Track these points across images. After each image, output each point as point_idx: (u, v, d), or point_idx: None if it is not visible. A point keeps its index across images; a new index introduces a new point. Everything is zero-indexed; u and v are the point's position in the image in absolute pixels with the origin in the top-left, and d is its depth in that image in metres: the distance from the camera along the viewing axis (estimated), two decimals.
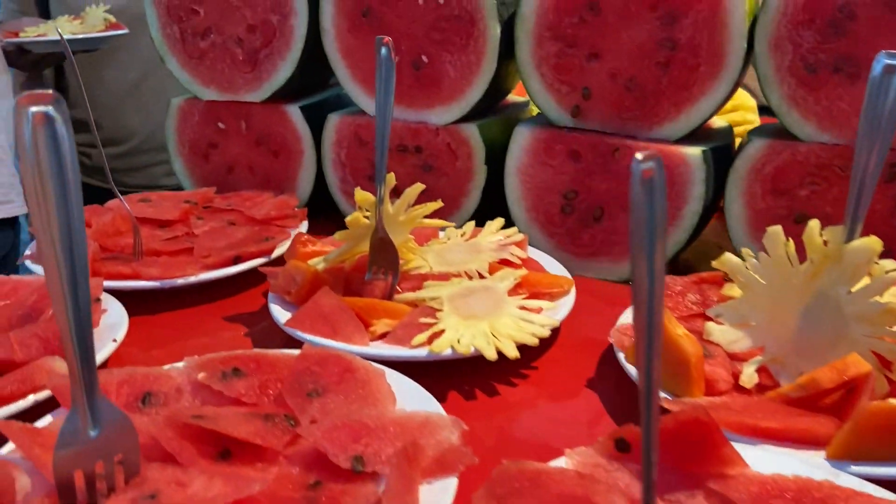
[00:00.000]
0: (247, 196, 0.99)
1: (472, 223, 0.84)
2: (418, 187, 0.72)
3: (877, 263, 0.57)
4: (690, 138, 0.79)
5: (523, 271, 0.71)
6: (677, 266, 0.83)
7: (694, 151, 0.76)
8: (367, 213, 0.72)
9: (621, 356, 0.59)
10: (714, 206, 0.81)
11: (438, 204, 0.74)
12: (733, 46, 0.73)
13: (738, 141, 1.02)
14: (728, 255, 0.61)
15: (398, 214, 0.72)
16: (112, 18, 1.36)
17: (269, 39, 0.94)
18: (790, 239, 0.57)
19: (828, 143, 0.72)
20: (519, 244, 0.80)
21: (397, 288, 0.72)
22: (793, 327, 0.57)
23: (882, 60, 0.51)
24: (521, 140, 0.85)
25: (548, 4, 0.79)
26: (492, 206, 0.93)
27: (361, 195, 0.71)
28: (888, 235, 0.71)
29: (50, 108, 0.35)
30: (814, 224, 0.55)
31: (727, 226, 0.78)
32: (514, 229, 0.82)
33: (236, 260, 0.81)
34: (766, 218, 0.76)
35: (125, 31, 1.35)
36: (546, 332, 0.64)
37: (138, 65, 1.51)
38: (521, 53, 0.83)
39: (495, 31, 0.82)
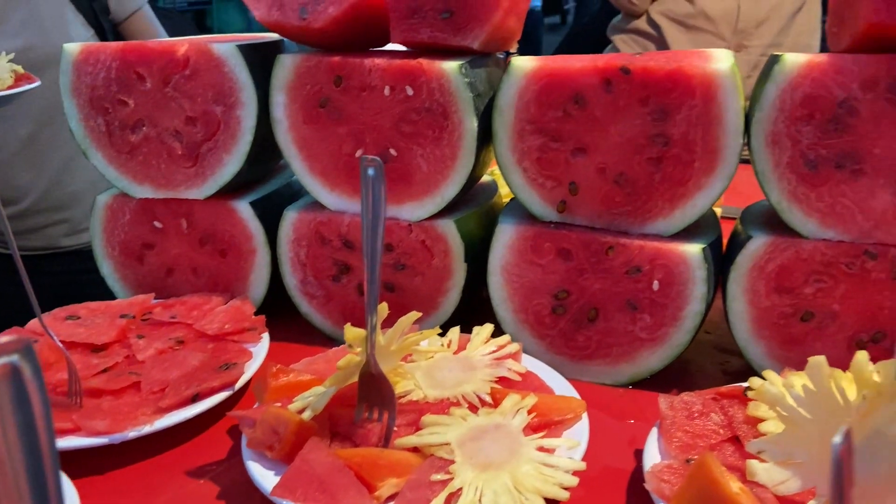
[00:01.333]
0: (193, 304, 0.88)
1: (457, 329, 0.77)
2: (413, 316, 0.64)
3: None
4: (683, 232, 0.75)
5: (532, 399, 0.64)
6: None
7: (694, 249, 0.72)
8: (359, 350, 0.63)
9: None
10: (712, 302, 0.78)
11: (436, 331, 0.67)
12: (729, 142, 0.69)
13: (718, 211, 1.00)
14: (766, 386, 0.56)
15: (390, 345, 0.64)
16: (20, 69, 1.20)
17: (213, 132, 0.84)
18: (834, 370, 0.53)
19: (832, 240, 0.69)
20: (514, 356, 0.73)
21: (394, 429, 0.63)
22: None
23: None
24: (505, 238, 0.79)
25: (529, 97, 0.74)
26: (472, 305, 0.86)
27: (352, 333, 0.62)
28: (891, 325, 0.69)
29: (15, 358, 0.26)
30: (861, 356, 0.51)
31: (729, 323, 0.75)
32: (506, 338, 0.75)
33: (195, 398, 0.70)
34: (770, 316, 0.72)
35: (37, 83, 1.19)
36: (575, 481, 0.57)
37: (32, 117, 1.36)
38: (501, 147, 0.77)
39: (472, 124, 0.76)
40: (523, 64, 0.74)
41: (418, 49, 0.81)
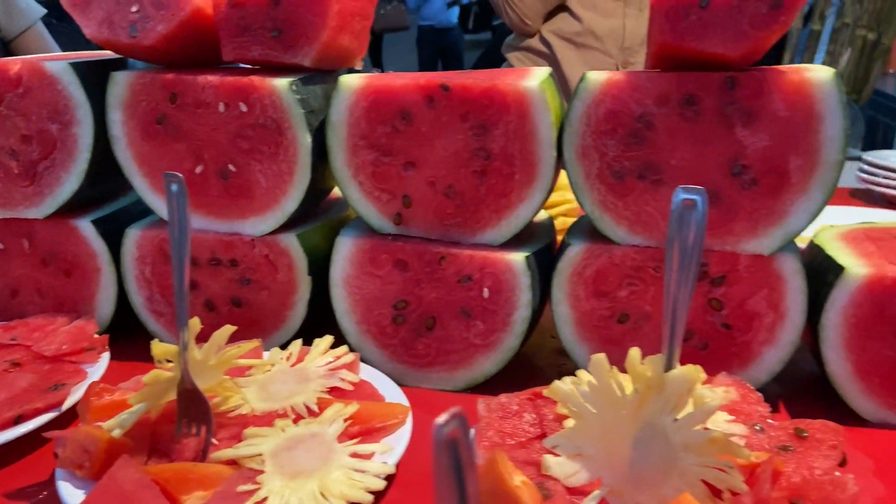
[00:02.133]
0: (35, 325, 0.86)
1: (299, 342, 0.78)
2: (228, 329, 0.65)
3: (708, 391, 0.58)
4: (514, 240, 0.78)
5: (354, 407, 0.66)
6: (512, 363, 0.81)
7: (518, 258, 0.75)
8: (171, 364, 0.63)
9: None
10: (543, 305, 0.81)
11: (255, 343, 0.68)
12: (544, 155, 0.73)
13: (560, 220, 1.04)
14: (557, 384, 0.59)
15: (207, 360, 0.65)
16: None
17: (49, 151, 0.83)
18: (614, 367, 0.56)
19: (640, 246, 0.74)
20: (350, 366, 0.75)
21: (214, 442, 0.64)
22: (626, 457, 0.56)
23: (680, 196, 0.52)
24: (345, 250, 0.80)
25: (359, 114, 0.76)
26: (321, 317, 0.87)
27: (159, 348, 0.62)
28: (702, 329, 0.74)
29: None
30: (634, 353, 0.55)
31: (556, 327, 0.78)
32: (343, 349, 0.76)
33: (18, 420, 0.69)
34: (591, 319, 0.76)
35: None
36: (381, 484, 0.59)
37: None
38: (336, 162, 0.78)
39: (305, 139, 0.77)
40: (351, 81, 0.76)
41: (256, 65, 0.82)
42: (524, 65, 2.00)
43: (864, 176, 1.57)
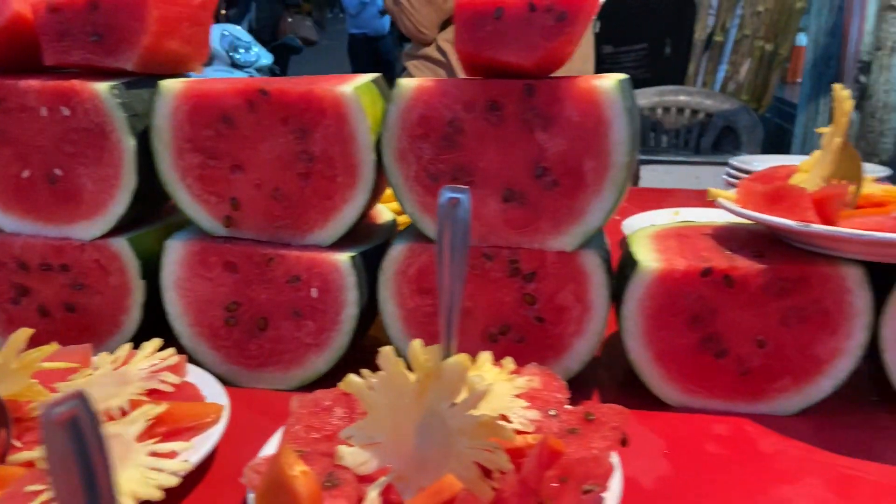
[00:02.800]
0: None
1: (128, 346, 0.78)
2: (26, 332, 0.65)
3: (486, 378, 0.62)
4: (346, 241, 0.80)
5: (161, 407, 0.67)
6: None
7: (343, 258, 0.78)
8: None
9: (251, 497, 0.57)
10: (375, 303, 0.84)
11: (53, 347, 0.67)
12: (363, 158, 0.76)
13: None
14: (351, 377, 0.62)
15: (8, 363, 0.64)
16: None
17: None
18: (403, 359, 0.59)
19: None
20: (174, 368, 0.75)
21: (17, 444, 0.63)
22: (412, 444, 0.59)
23: (446, 195, 0.55)
24: (174, 254, 0.81)
25: (181, 117, 0.77)
26: (158, 321, 0.87)
27: None
28: (518, 323, 0.78)
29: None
30: (416, 343, 0.58)
31: (384, 324, 0.81)
32: (170, 351, 0.77)
33: None
34: (417, 316, 0.79)
35: None
36: (175, 481, 0.60)
37: None
38: (163, 165, 0.79)
39: (129, 143, 0.78)
40: (171, 86, 0.77)
41: (79, 69, 0.82)
42: (422, 73, 2.04)
43: (730, 179, 1.67)
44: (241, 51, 7.32)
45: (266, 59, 7.44)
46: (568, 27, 0.68)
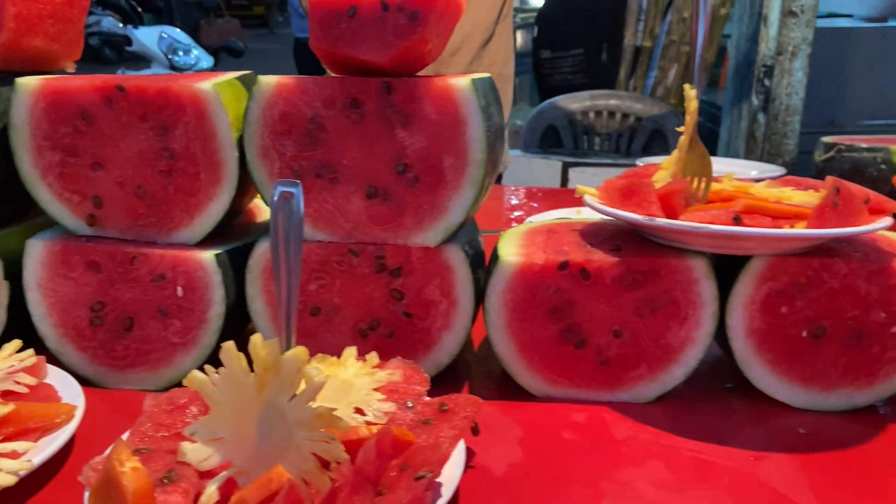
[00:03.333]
0: None
1: None
2: None
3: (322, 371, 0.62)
4: (214, 239, 0.80)
5: (8, 408, 0.65)
6: None
7: (208, 256, 0.77)
8: None
9: (86, 496, 0.57)
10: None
11: None
12: (226, 155, 0.76)
13: None
14: (194, 373, 0.61)
15: None
16: None
17: None
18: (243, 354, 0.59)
19: (323, 241, 0.78)
20: (32, 369, 0.74)
21: None
22: (253, 438, 0.59)
23: (278, 189, 0.56)
24: (36, 254, 0.79)
25: (39, 115, 0.76)
26: (24, 323, 0.85)
27: None
28: (387, 318, 0.79)
29: None
30: (255, 338, 0.58)
31: (253, 322, 0.81)
32: (29, 352, 0.75)
33: None
34: None
35: None
36: (11, 480, 0.59)
37: None
38: (22, 164, 0.77)
39: None
40: (28, 83, 0.75)
41: None
42: None
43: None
44: (181, 53, 7.18)
45: (206, 62, 7.32)
46: (420, 26, 0.69)
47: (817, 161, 1.60)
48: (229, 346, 0.59)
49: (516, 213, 1.60)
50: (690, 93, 0.76)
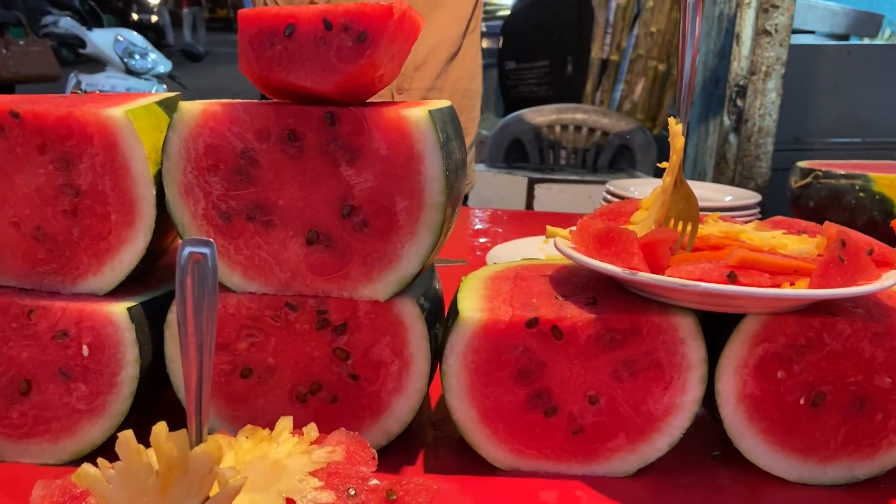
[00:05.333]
0: None
1: None
2: None
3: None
4: (128, 289, 0.69)
5: None
6: None
7: (118, 309, 0.66)
8: None
9: None
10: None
11: None
12: (142, 192, 0.65)
13: None
14: (85, 468, 0.50)
15: None
16: None
17: None
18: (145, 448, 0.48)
19: (256, 294, 0.67)
20: None
21: None
22: None
23: (186, 249, 0.45)
24: None
25: None
26: None
27: None
28: (330, 380, 0.69)
29: None
30: (158, 428, 0.47)
31: (173, 386, 0.70)
32: None
33: None
34: (213, 374, 0.68)
35: None
36: None
37: None
38: None
39: None
40: None
41: None
42: None
43: (606, 204, 1.64)
44: (137, 56, 6.96)
45: (164, 66, 7.11)
46: (368, 49, 0.60)
47: (793, 187, 1.54)
48: (127, 436, 0.48)
49: (481, 240, 1.51)
50: (676, 128, 0.68)
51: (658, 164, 0.75)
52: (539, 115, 3.81)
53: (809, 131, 2.71)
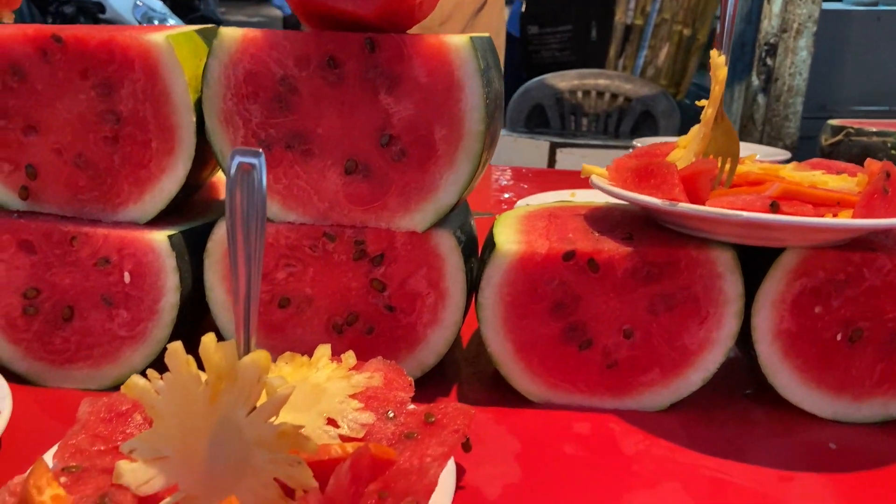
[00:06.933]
0: None
1: None
2: None
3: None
4: (168, 219, 0.69)
5: None
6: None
7: (160, 237, 0.67)
8: None
9: None
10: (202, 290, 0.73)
11: None
12: (182, 120, 0.65)
13: None
14: (134, 380, 0.51)
15: None
16: None
17: None
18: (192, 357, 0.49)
19: (295, 223, 0.67)
20: None
21: None
22: (203, 458, 0.49)
23: (236, 159, 0.45)
24: None
25: None
26: None
27: None
28: (367, 312, 0.69)
29: None
30: (207, 339, 0.48)
31: (213, 315, 0.71)
32: None
33: None
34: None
35: None
36: None
37: None
38: None
39: None
40: None
41: None
42: None
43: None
44: (156, 22, 6.95)
45: None
46: None
47: (823, 145, 1.51)
48: (176, 347, 0.49)
49: (506, 195, 1.50)
50: (718, 59, 0.67)
51: (697, 103, 0.74)
52: (561, 81, 3.76)
53: (836, 99, 2.66)
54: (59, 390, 0.70)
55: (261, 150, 0.45)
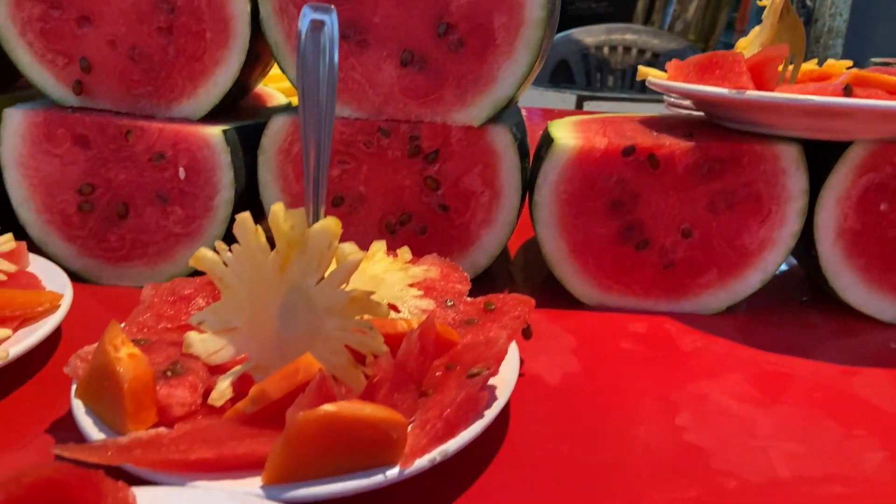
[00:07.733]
0: None
1: None
2: None
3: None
4: (221, 115, 0.69)
5: None
6: None
7: (215, 132, 0.66)
8: None
9: (73, 390, 0.47)
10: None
11: None
12: (237, 9, 0.64)
13: None
14: (203, 252, 0.51)
15: None
16: None
17: None
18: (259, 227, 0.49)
19: (349, 118, 0.67)
20: (11, 255, 0.64)
21: None
22: (272, 327, 0.49)
23: (308, 16, 0.45)
24: (15, 126, 0.68)
25: None
26: (2, 208, 0.75)
27: None
28: (420, 211, 0.69)
29: None
30: (276, 208, 0.48)
31: (265, 210, 0.70)
32: (7, 236, 0.65)
33: None
34: (302, 202, 0.69)
35: None
36: None
37: None
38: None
39: None
40: None
41: None
42: None
43: (671, 100, 1.60)
44: None
45: None
46: None
47: None
48: (245, 217, 0.49)
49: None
50: None
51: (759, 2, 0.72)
52: (588, 36, 3.68)
53: (876, 43, 2.58)
54: (114, 287, 0.71)
55: (332, 6, 0.44)
